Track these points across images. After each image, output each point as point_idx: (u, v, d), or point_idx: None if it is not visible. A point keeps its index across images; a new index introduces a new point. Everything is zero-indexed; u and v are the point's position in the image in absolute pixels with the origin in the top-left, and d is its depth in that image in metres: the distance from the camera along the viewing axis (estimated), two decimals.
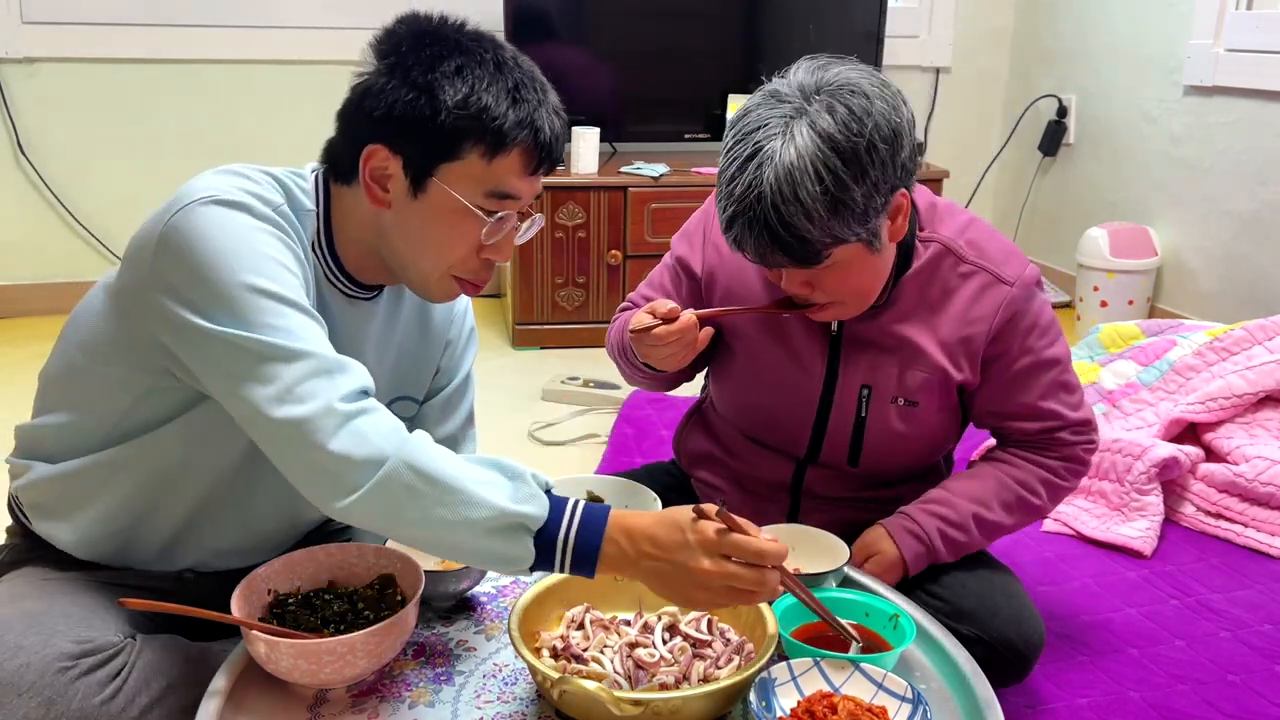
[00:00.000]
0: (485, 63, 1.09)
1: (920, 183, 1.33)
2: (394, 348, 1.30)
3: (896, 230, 1.24)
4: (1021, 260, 1.36)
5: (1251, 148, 3.10)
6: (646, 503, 1.34)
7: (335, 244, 1.17)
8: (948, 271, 1.34)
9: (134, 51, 3.42)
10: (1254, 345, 2.41)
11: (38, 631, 1.08)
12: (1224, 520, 2.15)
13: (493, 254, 1.15)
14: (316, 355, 1.01)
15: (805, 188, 1.12)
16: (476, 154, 1.09)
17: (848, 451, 1.41)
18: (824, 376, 1.39)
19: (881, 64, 3.71)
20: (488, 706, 1.06)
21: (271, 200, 1.10)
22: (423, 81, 1.07)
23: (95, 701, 1.05)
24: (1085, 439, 1.41)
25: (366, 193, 1.12)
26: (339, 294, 1.20)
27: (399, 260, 1.16)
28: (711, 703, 1.00)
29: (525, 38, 3.45)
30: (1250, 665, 1.70)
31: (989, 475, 1.41)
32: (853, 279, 1.24)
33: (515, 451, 2.49)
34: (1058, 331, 1.38)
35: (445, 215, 1.11)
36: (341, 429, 0.98)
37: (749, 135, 1.16)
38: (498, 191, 1.11)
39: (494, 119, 1.07)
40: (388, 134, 1.09)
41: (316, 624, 1.10)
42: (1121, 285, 3.39)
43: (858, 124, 1.13)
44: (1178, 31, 3.31)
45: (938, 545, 1.36)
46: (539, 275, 3.33)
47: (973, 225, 1.37)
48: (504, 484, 1.01)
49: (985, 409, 1.41)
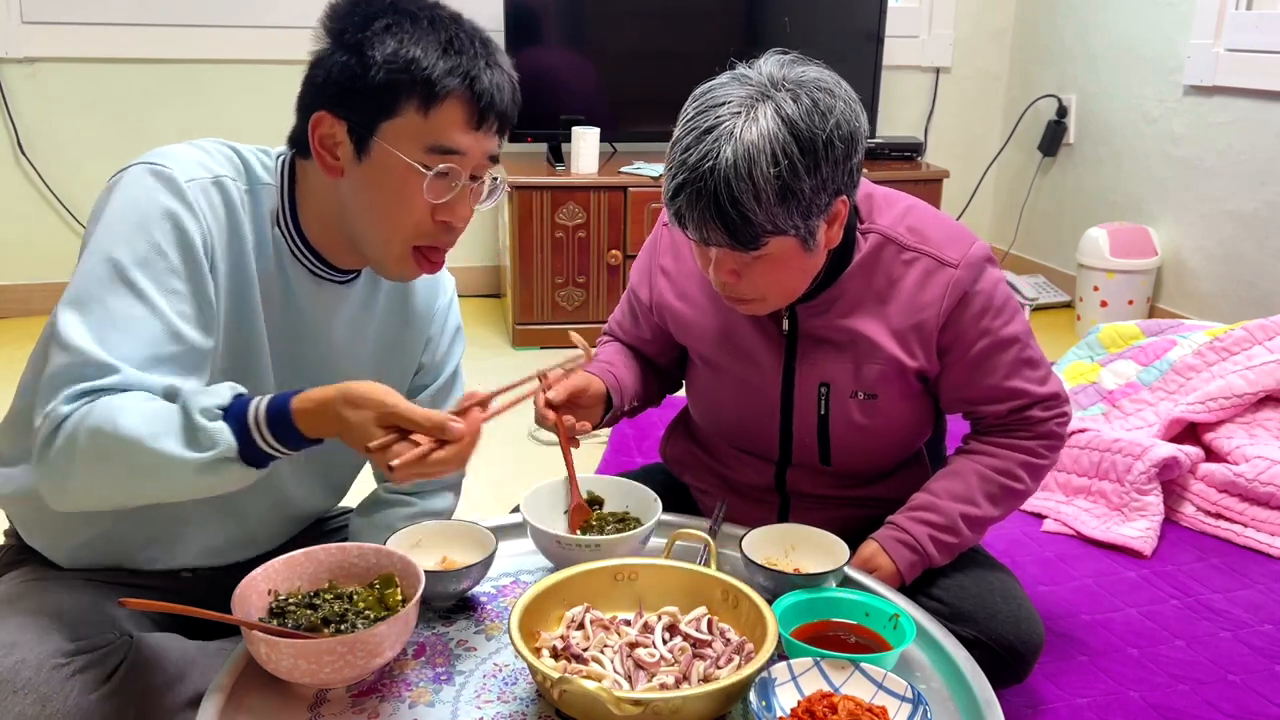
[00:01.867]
0: (418, 19, 1.09)
1: (920, 183, 1.33)
2: (371, 335, 1.29)
3: (832, 237, 1.24)
4: (966, 240, 1.33)
5: (1251, 148, 3.10)
6: (647, 503, 1.34)
7: (300, 221, 1.18)
8: (890, 260, 1.33)
9: (134, 51, 3.42)
10: (1254, 345, 2.41)
11: (32, 629, 1.08)
12: (1224, 520, 2.15)
13: (447, 215, 1.14)
14: (85, 354, 1.01)
15: (760, 167, 1.12)
16: (412, 108, 1.08)
17: (817, 450, 1.42)
18: (781, 377, 1.39)
19: (881, 64, 3.71)
20: (488, 706, 1.06)
21: (216, 171, 1.11)
22: (353, 42, 1.08)
23: (91, 698, 1.05)
24: (1057, 412, 1.39)
25: (319, 162, 1.12)
26: (305, 272, 1.20)
27: (358, 233, 1.16)
28: (711, 703, 1.00)
29: (525, 38, 3.45)
30: (1250, 665, 1.70)
31: (969, 471, 1.40)
32: (781, 275, 1.24)
33: (514, 451, 2.50)
34: (1014, 308, 1.36)
35: (392, 176, 1.11)
36: (58, 429, 1.00)
37: (712, 109, 1.16)
38: (438, 146, 1.10)
39: (423, 69, 1.07)
40: (329, 99, 1.10)
41: (316, 624, 1.10)
42: (1121, 285, 3.39)
43: (821, 117, 1.14)
44: (1178, 31, 3.31)
45: (930, 550, 1.36)
46: (539, 275, 3.33)
47: (912, 211, 1.35)
48: (182, 431, 1.00)
49: (952, 395, 1.40)
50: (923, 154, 3.77)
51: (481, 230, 3.89)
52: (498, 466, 2.45)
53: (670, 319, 1.47)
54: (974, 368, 1.35)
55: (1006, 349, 1.34)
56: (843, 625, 1.17)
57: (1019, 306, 1.38)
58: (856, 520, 1.42)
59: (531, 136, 3.52)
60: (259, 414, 1.02)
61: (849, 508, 1.45)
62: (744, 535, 1.27)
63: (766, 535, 1.28)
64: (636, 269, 1.52)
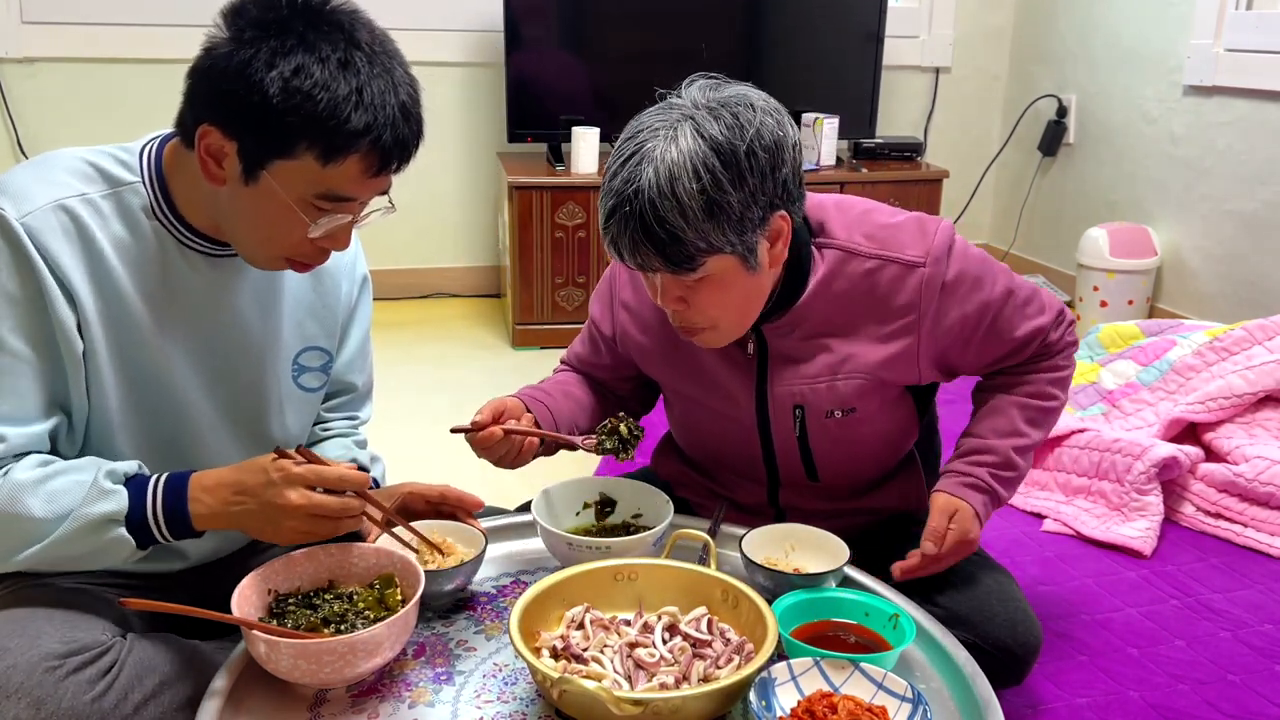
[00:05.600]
0: (327, 60, 1.03)
1: (920, 183, 1.33)
2: (283, 298, 1.29)
3: (776, 256, 1.22)
4: (926, 232, 1.31)
5: (1251, 148, 3.10)
6: (659, 504, 1.34)
7: (179, 207, 1.16)
8: (853, 273, 1.30)
9: (134, 51, 3.42)
10: (1254, 345, 2.41)
11: (23, 633, 1.07)
12: (1224, 520, 2.15)
13: (327, 244, 1.14)
14: None
15: (683, 184, 1.12)
16: (311, 156, 1.05)
17: (803, 469, 1.42)
18: (755, 403, 1.38)
19: (881, 64, 3.71)
20: (488, 706, 1.06)
21: (55, 195, 1.10)
22: (259, 78, 1.02)
23: (86, 699, 1.05)
24: (1065, 326, 1.41)
25: (201, 168, 1.09)
26: (198, 255, 1.19)
27: (230, 232, 1.16)
28: (711, 703, 1.00)
29: (525, 38, 3.45)
30: (1250, 665, 1.70)
31: (1007, 405, 1.41)
32: (727, 298, 1.22)
33: None
34: (990, 265, 1.34)
35: (275, 207, 1.09)
36: None
37: (635, 136, 1.16)
38: (331, 195, 1.08)
39: (330, 124, 1.03)
40: (221, 116, 1.06)
41: (316, 624, 1.10)
42: (1121, 285, 3.39)
43: (740, 130, 1.13)
44: (1178, 31, 3.31)
45: (996, 488, 1.38)
46: (539, 275, 3.33)
47: (866, 216, 1.33)
48: (78, 491, 1.07)
49: (975, 369, 1.40)
50: (923, 154, 3.77)
51: (481, 230, 3.89)
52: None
53: (635, 353, 1.45)
54: (984, 341, 1.35)
55: (1005, 305, 1.34)
56: (843, 625, 1.17)
57: (989, 257, 1.36)
58: (857, 529, 1.42)
59: (531, 136, 3.52)
60: (158, 486, 1.10)
61: (848, 518, 1.44)
62: (744, 535, 1.27)
63: (766, 535, 1.28)
64: (598, 300, 1.49)
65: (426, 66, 3.62)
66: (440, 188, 3.80)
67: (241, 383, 1.26)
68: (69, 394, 1.12)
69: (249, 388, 1.27)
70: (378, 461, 1.44)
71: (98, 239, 1.11)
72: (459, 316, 3.73)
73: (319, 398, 1.38)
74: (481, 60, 3.68)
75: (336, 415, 1.45)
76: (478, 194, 3.85)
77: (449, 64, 3.67)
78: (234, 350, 1.24)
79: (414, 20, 3.55)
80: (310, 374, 1.33)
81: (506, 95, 3.47)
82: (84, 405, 1.14)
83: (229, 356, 1.24)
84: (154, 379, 1.18)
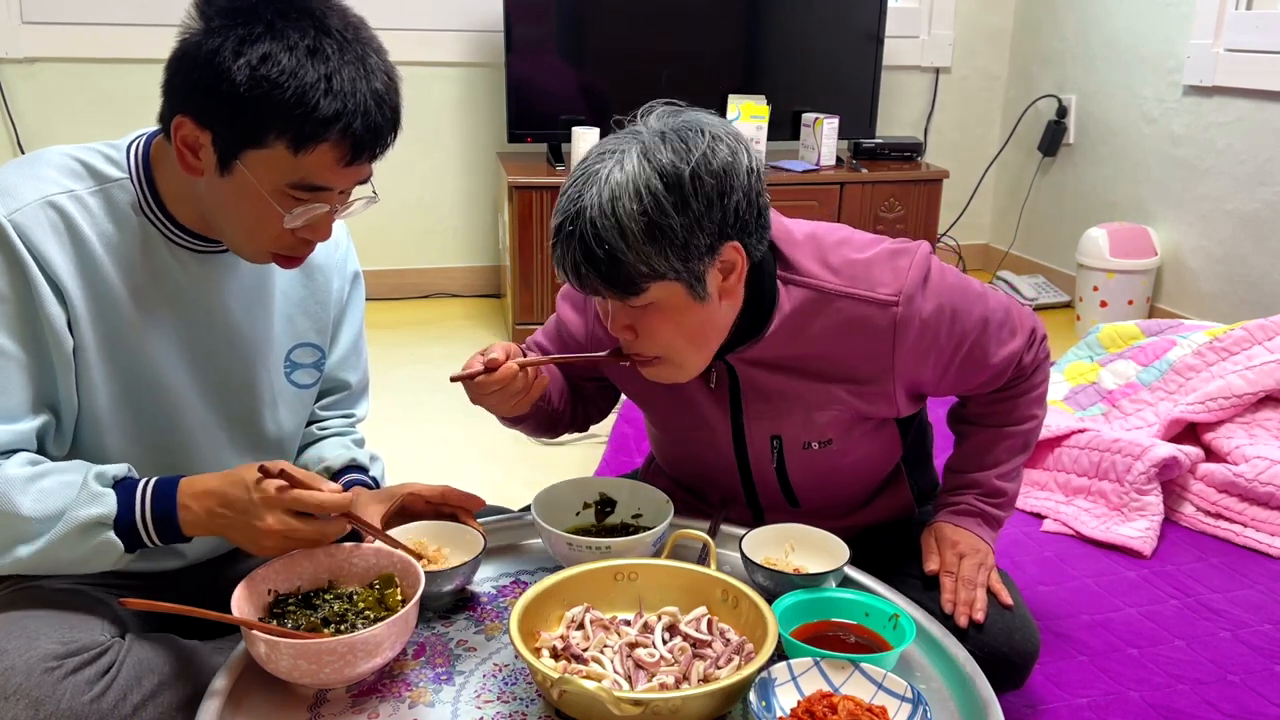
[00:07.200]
0: (295, 48, 1.02)
1: (920, 183, 1.32)
2: (274, 294, 1.28)
3: (729, 288, 1.19)
4: (899, 265, 1.27)
5: (1251, 148, 3.10)
6: (659, 504, 1.34)
7: (166, 203, 1.16)
8: (823, 311, 1.26)
9: (134, 51, 3.41)
10: (1254, 345, 2.41)
11: (22, 634, 1.07)
12: (1224, 520, 2.15)
13: (308, 235, 1.14)
14: None
15: (623, 205, 1.10)
16: (281, 145, 1.04)
17: (783, 497, 1.42)
18: (731, 432, 1.37)
19: (881, 64, 3.71)
20: (488, 706, 1.06)
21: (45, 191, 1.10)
22: (226, 66, 1.01)
23: (84, 700, 1.05)
24: (1039, 343, 1.41)
25: (179, 160, 1.09)
26: (186, 252, 1.18)
27: (215, 225, 1.15)
28: (711, 703, 1.00)
29: (525, 38, 3.45)
30: (1250, 665, 1.70)
31: (988, 442, 1.44)
32: (674, 327, 1.18)
33: (514, 451, 2.50)
34: (966, 294, 1.31)
35: (251, 197, 1.08)
36: None
37: (587, 160, 1.16)
38: (305, 184, 1.08)
39: (298, 112, 1.02)
40: (194, 107, 1.06)
41: (316, 624, 1.10)
42: (1121, 285, 3.39)
43: (686, 155, 1.11)
44: (1178, 31, 3.31)
45: (994, 513, 1.42)
46: (539, 275, 3.33)
47: (838, 248, 1.29)
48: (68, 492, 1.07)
49: (950, 391, 1.40)
50: (922, 154, 3.77)
51: (481, 230, 3.89)
52: (498, 467, 2.45)
53: (614, 375, 1.44)
54: (961, 369, 1.33)
55: (982, 333, 1.32)
56: (843, 625, 1.17)
57: (964, 279, 1.33)
58: (855, 530, 1.43)
59: (531, 137, 3.52)
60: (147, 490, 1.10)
61: (839, 532, 1.44)
62: (744, 535, 1.27)
63: (766, 535, 1.28)
64: (570, 303, 1.43)
65: (426, 67, 3.65)
66: (440, 188, 3.80)
67: (233, 379, 1.26)
68: (58, 392, 1.12)
69: (241, 385, 1.27)
70: (376, 460, 1.44)
71: (86, 235, 1.11)
72: (459, 316, 3.73)
73: (312, 395, 1.38)
74: (481, 60, 3.68)
75: (333, 413, 1.44)
76: (478, 194, 3.85)
77: (449, 64, 3.67)
78: (224, 346, 1.24)
79: (414, 21, 3.55)
80: (303, 370, 1.33)
81: (506, 95, 3.47)
82: (74, 403, 1.14)
83: (219, 353, 1.24)
84: (144, 375, 1.18)
